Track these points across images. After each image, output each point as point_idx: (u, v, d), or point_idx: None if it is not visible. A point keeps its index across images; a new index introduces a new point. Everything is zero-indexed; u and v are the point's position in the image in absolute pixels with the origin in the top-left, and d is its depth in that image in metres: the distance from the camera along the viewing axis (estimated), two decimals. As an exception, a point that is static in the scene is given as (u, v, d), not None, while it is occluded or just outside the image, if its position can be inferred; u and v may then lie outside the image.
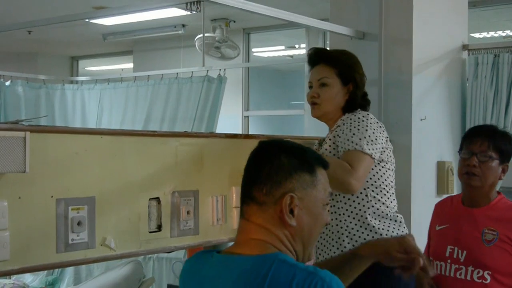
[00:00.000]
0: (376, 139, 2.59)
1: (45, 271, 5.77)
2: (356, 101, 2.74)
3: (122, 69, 10.21)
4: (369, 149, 2.55)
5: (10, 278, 5.39)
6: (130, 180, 2.38)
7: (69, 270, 5.94)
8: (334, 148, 2.68)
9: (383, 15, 3.68)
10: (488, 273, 2.65)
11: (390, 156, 2.70)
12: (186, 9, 6.10)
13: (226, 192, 2.74)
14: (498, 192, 2.81)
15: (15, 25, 5.36)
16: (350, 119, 2.66)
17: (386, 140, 2.68)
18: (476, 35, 7.01)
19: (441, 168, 3.83)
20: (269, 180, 1.63)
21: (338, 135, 2.67)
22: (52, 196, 2.14)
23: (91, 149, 2.27)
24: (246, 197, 1.66)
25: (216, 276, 1.60)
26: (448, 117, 4.02)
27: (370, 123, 2.62)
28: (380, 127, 2.68)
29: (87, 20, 7.50)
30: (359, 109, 2.74)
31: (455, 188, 3.87)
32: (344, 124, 2.67)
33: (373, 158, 2.58)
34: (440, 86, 3.94)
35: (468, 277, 2.69)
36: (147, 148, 2.46)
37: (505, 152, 2.74)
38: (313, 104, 2.76)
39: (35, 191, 2.09)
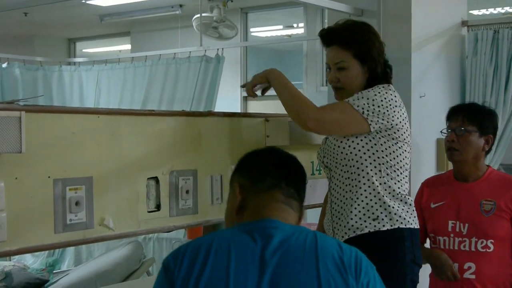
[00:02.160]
0: (381, 109, 2.48)
1: (46, 253, 5.78)
2: (377, 77, 2.63)
3: (120, 51, 10.16)
4: (363, 109, 2.46)
5: (10, 260, 5.40)
6: (128, 160, 2.37)
7: (70, 251, 5.96)
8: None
9: (381, -8, 3.65)
10: (491, 242, 2.77)
11: (408, 138, 2.61)
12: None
13: (225, 171, 2.72)
14: (488, 166, 2.94)
15: (10, 5, 5.29)
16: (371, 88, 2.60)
17: (404, 119, 2.58)
18: (475, 12, 6.96)
19: (440, 145, 3.79)
20: (304, 192, 1.76)
21: None
22: (49, 177, 2.12)
23: (88, 129, 2.25)
24: (297, 193, 1.72)
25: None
26: (448, 94, 3.99)
27: (385, 93, 2.52)
28: (396, 103, 2.55)
29: (83, 1, 7.47)
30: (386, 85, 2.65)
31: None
32: None
33: (366, 120, 2.46)
34: (440, 63, 3.92)
35: (473, 248, 2.79)
36: (144, 127, 2.44)
37: (484, 124, 2.84)
38: (335, 88, 2.67)
39: (32, 171, 2.08)
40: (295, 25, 8.62)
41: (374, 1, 3.62)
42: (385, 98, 2.51)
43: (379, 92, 2.53)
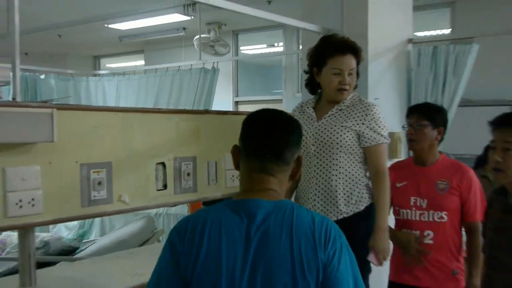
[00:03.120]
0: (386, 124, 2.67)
1: (77, 226, 5.76)
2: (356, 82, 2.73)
3: (136, 66, 10.11)
4: (387, 135, 2.65)
5: (48, 232, 5.37)
6: (140, 148, 2.35)
7: (96, 225, 5.92)
8: (347, 131, 2.60)
9: (344, 15, 3.64)
10: (445, 214, 2.81)
11: None
12: (184, 13, 6.04)
13: (219, 158, 2.71)
14: (440, 153, 2.95)
15: (46, 27, 5.25)
16: (367, 108, 2.62)
17: None
18: (419, 33, 6.97)
19: (391, 137, 3.81)
20: (297, 144, 1.61)
21: (355, 120, 2.60)
22: (76, 162, 2.11)
23: (108, 124, 2.23)
24: (276, 158, 1.56)
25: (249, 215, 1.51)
26: (397, 96, 4.00)
27: (380, 112, 2.66)
28: None
29: (106, 25, 7.43)
30: (357, 93, 2.73)
31: (403, 153, 3.87)
32: (354, 107, 2.63)
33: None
34: (390, 72, 3.92)
35: (431, 219, 2.83)
36: (153, 122, 2.42)
37: (435, 119, 2.87)
38: (343, 90, 2.64)
39: (62, 157, 2.06)
40: (276, 44, 8.61)
41: (338, 22, 3.62)
42: (381, 113, 2.67)
43: (381, 115, 2.65)
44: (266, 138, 1.56)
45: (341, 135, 2.58)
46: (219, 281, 1.44)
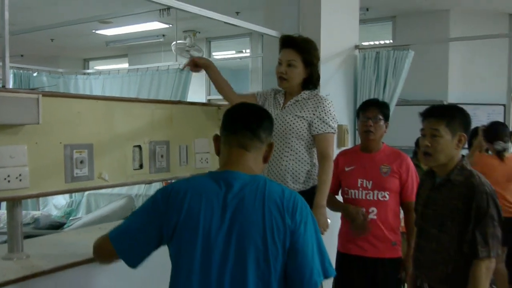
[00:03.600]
0: (335, 117, 2.60)
1: (66, 205, 5.62)
2: (313, 80, 2.64)
3: (120, 67, 9.94)
4: (336, 126, 2.59)
5: (38, 210, 5.22)
6: (119, 132, 2.31)
7: (83, 204, 5.79)
8: (300, 120, 2.58)
9: (299, 23, 3.64)
10: (387, 193, 2.83)
11: None
12: (160, 18, 5.95)
13: (189, 143, 2.68)
14: (382, 142, 2.97)
15: (40, 29, 5.09)
16: (319, 101, 2.57)
17: None
18: (365, 43, 7.04)
19: (340, 129, 3.83)
20: (269, 128, 1.62)
21: (308, 111, 2.57)
22: (60, 142, 2.05)
23: (90, 109, 2.18)
24: (252, 134, 1.57)
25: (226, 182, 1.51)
26: (345, 94, 4.02)
27: (332, 106, 2.59)
28: None
29: (94, 31, 7.28)
30: (317, 90, 2.66)
31: (349, 142, 3.90)
32: (309, 100, 2.59)
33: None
34: (339, 73, 3.94)
35: (375, 198, 2.84)
36: (131, 110, 2.38)
37: (387, 114, 2.91)
38: (281, 78, 2.61)
39: (48, 138, 2.00)
40: (243, 50, 8.59)
41: (295, 29, 3.61)
42: (332, 107, 2.60)
43: (330, 108, 2.58)
44: (243, 120, 1.60)
45: (294, 123, 2.57)
46: (195, 238, 1.44)
